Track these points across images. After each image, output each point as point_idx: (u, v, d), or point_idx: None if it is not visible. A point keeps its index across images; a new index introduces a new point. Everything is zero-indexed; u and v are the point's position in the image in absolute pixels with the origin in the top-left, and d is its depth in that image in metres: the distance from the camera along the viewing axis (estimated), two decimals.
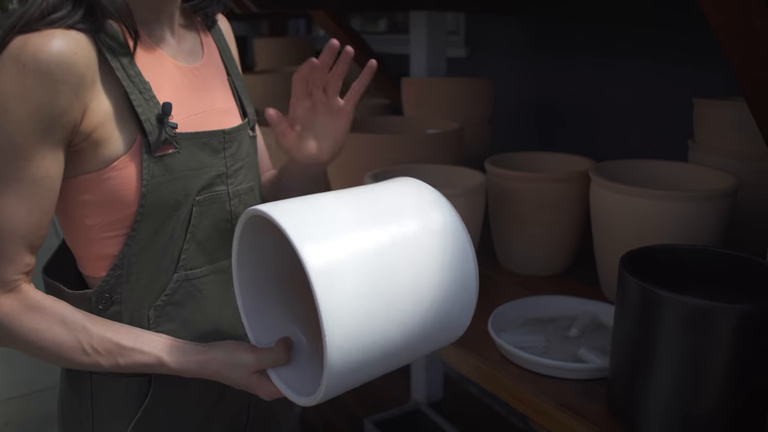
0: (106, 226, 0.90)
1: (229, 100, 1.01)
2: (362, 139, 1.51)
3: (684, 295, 0.81)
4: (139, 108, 0.86)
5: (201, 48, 1.01)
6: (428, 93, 1.91)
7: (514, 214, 1.38)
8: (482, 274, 1.43)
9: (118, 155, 0.86)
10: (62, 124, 0.82)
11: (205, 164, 0.93)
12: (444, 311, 0.79)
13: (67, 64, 0.80)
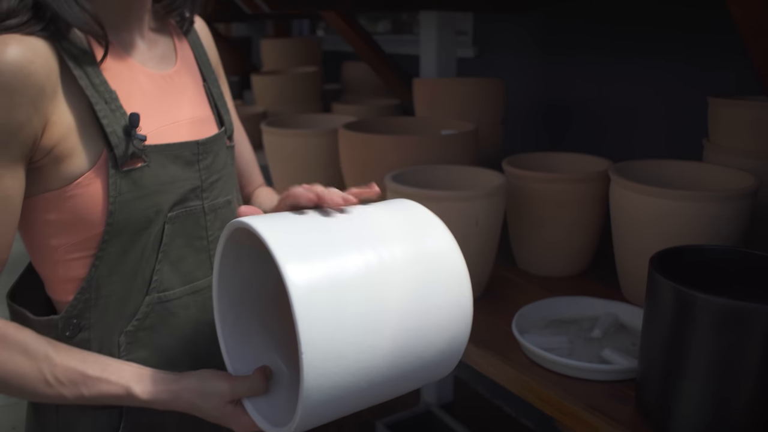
0: (72, 247, 0.84)
1: (204, 108, 0.96)
2: (379, 140, 1.51)
3: (717, 295, 0.81)
4: (104, 119, 0.80)
5: (174, 53, 0.95)
6: (441, 93, 1.90)
7: (532, 215, 1.38)
8: (501, 275, 1.43)
9: (82, 171, 0.80)
10: (20, 140, 0.75)
11: (178, 178, 0.87)
12: (434, 338, 0.73)
13: (23, 74, 0.74)
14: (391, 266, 0.71)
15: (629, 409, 0.95)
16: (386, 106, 2.38)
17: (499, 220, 1.29)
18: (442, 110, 1.90)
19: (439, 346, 0.74)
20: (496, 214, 1.27)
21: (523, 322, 1.17)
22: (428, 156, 1.50)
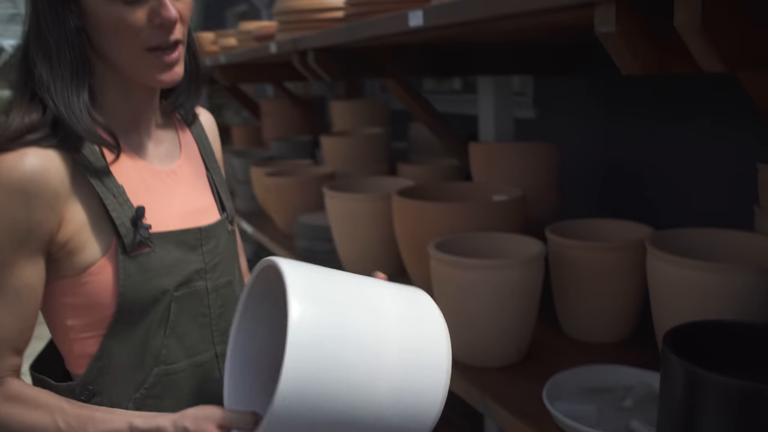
0: (86, 327, 0.95)
1: (207, 197, 1.08)
2: (426, 207, 1.58)
3: (724, 374, 0.83)
4: (113, 213, 0.92)
5: (179, 148, 1.07)
6: (495, 158, 1.96)
7: (573, 282, 1.41)
8: (543, 341, 1.46)
9: (95, 260, 0.92)
10: (38, 236, 0.88)
11: (182, 261, 0.98)
12: (402, 396, 0.82)
13: (39, 181, 0.87)
14: (383, 337, 0.81)
15: None
16: (448, 167, 2.45)
17: (536, 288, 1.33)
18: (496, 174, 1.96)
19: (410, 400, 0.83)
20: (533, 282, 1.31)
21: (556, 388, 1.19)
22: (475, 223, 1.56)
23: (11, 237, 0.87)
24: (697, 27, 0.78)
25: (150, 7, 0.91)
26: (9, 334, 0.90)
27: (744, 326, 1.00)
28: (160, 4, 0.91)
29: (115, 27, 0.91)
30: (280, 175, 2.53)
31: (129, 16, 0.90)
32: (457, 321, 1.33)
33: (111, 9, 0.90)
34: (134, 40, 0.92)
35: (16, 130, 0.88)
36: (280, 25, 2.18)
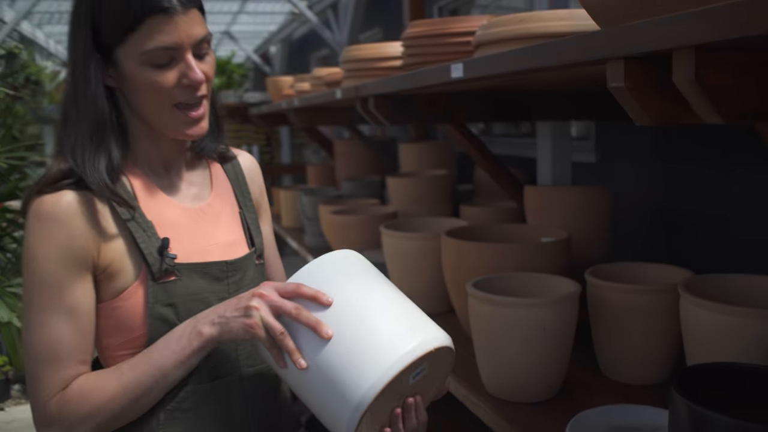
0: (121, 346, 1.07)
1: (237, 232, 1.18)
2: (469, 247, 1.65)
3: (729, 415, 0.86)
4: (142, 244, 1.05)
5: (210, 187, 1.19)
6: (547, 201, 2.01)
7: (609, 323, 1.44)
8: (579, 379, 1.49)
9: (127, 285, 1.04)
10: (82, 259, 1.01)
11: (206, 290, 1.09)
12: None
13: (76, 215, 1.01)
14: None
15: None
16: (508, 209, 2.50)
17: (569, 327, 1.37)
18: (548, 216, 2.01)
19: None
20: (565, 321, 1.36)
21: (582, 425, 1.23)
22: (518, 263, 1.61)
23: (60, 261, 1.00)
24: (692, 83, 0.84)
25: (179, 69, 1.04)
26: (72, 348, 1.02)
27: (758, 369, 1.02)
28: (187, 67, 1.04)
29: (148, 87, 1.04)
30: (344, 213, 2.64)
31: (160, 78, 1.03)
32: (490, 356, 1.39)
33: (145, 72, 1.03)
34: (164, 98, 1.05)
35: (53, 177, 1.03)
36: (345, 72, 2.31)
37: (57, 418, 1.01)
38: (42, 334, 1.01)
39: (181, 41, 1.03)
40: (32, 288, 1.01)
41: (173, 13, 1.01)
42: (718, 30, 0.75)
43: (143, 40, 1.01)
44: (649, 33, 0.85)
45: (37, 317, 1.01)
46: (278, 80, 3.99)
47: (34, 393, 1.02)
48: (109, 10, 1.02)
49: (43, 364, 1.01)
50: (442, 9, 4.19)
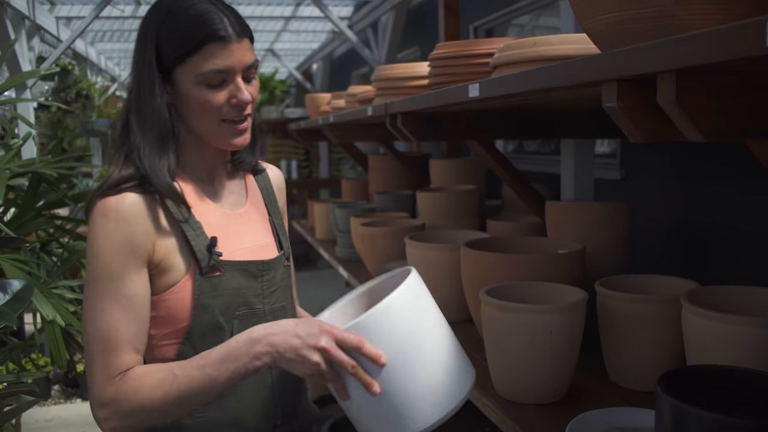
0: (164, 336, 1.18)
1: (268, 237, 1.30)
2: (485, 257, 1.73)
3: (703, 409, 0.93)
4: (193, 242, 1.17)
5: (245, 196, 1.31)
6: (566, 215, 2.08)
7: (615, 331, 1.51)
8: (586, 384, 1.56)
9: (177, 280, 1.15)
10: (140, 254, 1.12)
11: (245, 286, 1.20)
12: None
13: (136, 214, 1.12)
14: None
15: None
16: (532, 223, 2.58)
17: (575, 333, 1.45)
18: (567, 230, 2.08)
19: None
20: (571, 327, 1.43)
21: (582, 425, 1.30)
22: (531, 273, 1.69)
23: (121, 254, 1.12)
24: (673, 103, 0.92)
25: (229, 90, 1.17)
26: (129, 335, 1.13)
27: (741, 372, 1.08)
28: (237, 88, 1.17)
29: (200, 104, 1.16)
30: (373, 225, 2.74)
31: (212, 97, 1.16)
32: (499, 359, 1.47)
33: (199, 91, 1.16)
34: (214, 115, 1.17)
35: (115, 181, 1.15)
36: (377, 91, 2.42)
37: (111, 403, 1.11)
38: (102, 320, 1.12)
39: (233, 66, 1.16)
40: (95, 279, 1.13)
41: (228, 41, 1.14)
42: (696, 55, 0.84)
43: (200, 63, 1.14)
44: (636, 58, 0.94)
45: (98, 305, 1.12)
46: (316, 97, 4.13)
47: (92, 375, 1.12)
48: (173, 35, 1.15)
49: (101, 349, 1.11)
50: (478, 29, 4.29)
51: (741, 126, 0.96)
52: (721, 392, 1.07)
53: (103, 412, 1.11)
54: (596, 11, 1.06)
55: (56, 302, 2.37)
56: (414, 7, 5.03)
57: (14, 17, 4.40)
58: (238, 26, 1.17)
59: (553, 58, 1.38)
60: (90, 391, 1.14)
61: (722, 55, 0.79)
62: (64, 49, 4.89)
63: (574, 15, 1.15)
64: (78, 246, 2.91)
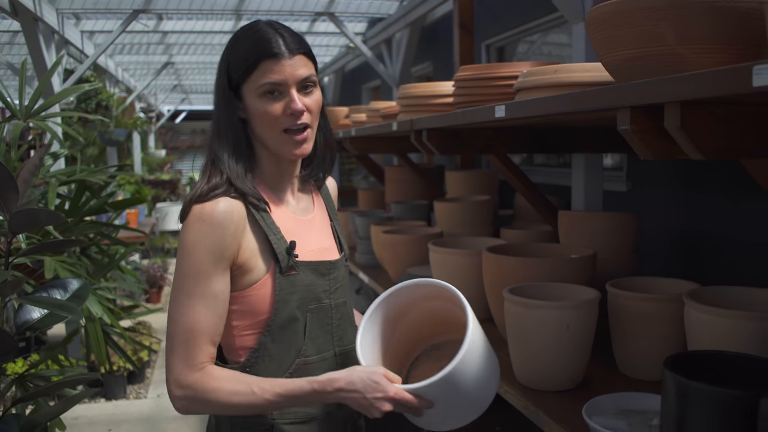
0: (246, 327, 1.34)
1: (331, 240, 1.48)
2: (506, 261, 1.91)
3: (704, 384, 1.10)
4: (275, 245, 1.33)
5: (313, 205, 1.48)
6: (577, 224, 2.26)
7: (624, 326, 1.69)
8: (599, 375, 1.73)
9: (259, 278, 1.31)
10: (227, 256, 1.28)
11: (316, 283, 1.37)
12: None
13: (228, 219, 1.28)
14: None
15: None
16: (544, 232, 2.75)
17: (589, 328, 1.62)
18: (578, 238, 2.25)
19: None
20: (586, 323, 1.61)
21: (596, 407, 1.48)
22: (548, 275, 1.87)
23: (211, 256, 1.28)
24: (678, 128, 1.10)
25: (285, 101, 1.33)
26: (209, 328, 1.29)
27: (737, 356, 1.26)
28: (290, 99, 1.33)
29: (262, 115, 1.34)
30: (394, 233, 2.92)
31: (270, 107, 1.33)
32: (521, 351, 1.65)
33: (260, 103, 1.33)
34: (275, 124, 1.34)
35: (207, 188, 1.31)
36: (401, 107, 2.61)
37: (188, 388, 1.27)
38: (187, 314, 1.28)
39: (285, 79, 1.33)
40: (185, 276, 1.28)
41: (281, 58, 1.32)
42: (697, 91, 1.02)
43: (258, 77, 1.32)
44: (648, 90, 1.12)
45: (185, 300, 1.28)
46: (334, 110, 4.31)
47: (173, 359, 1.28)
48: (237, 58, 1.34)
49: (185, 339, 1.27)
50: (490, 47, 4.48)
51: (736, 147, 1.14)
52: (719, 373, 1.24)
53: (180, 392, 1.28)
54: (614, 47, 1.25)
55: (101, 300, 2.55)
56: (428, 25, 5.23)
57: (45, 32, 4.60)
58: (292, 44, 1.34)
59: (571, 84, 1.57)
60: (169, 373, 1.29)
61: (718, 91, 0.97)
62: (91, 63, 5.09)
63: (592, 46, 1.33)
64: (115, 251, 3.10)
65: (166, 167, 11.75)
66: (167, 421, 4.19)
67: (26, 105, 2.68)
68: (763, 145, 1.15)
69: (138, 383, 4.79)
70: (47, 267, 2.36)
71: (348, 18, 5.72)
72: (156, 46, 7.41)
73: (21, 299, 1.70)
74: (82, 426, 4.21)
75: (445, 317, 1.44)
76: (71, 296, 1.90)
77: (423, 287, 1.40)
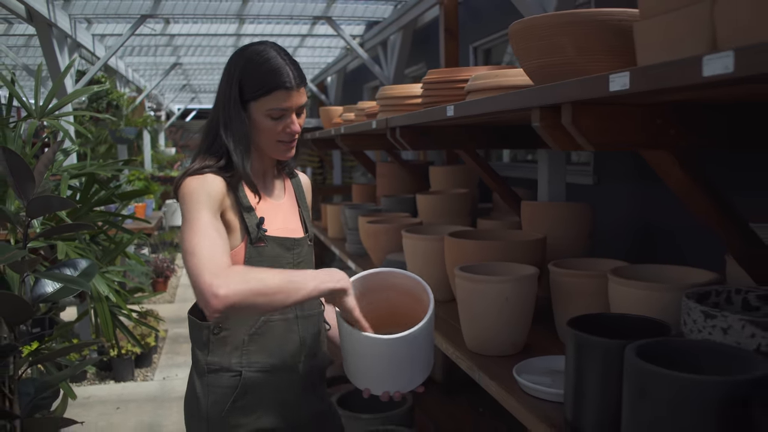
0: None
1: (297, 222, 1.75)
2: (461, 243, 2.16)
3: (588, 333, 1.34)
4: (247, 219, 1.61)
5: (284, 192, 1.76)
6: (537, 214, 2.49)
7: (562, 300, 1.92)
8: (541, 341, 1.97)
9: (235, 245, 1.58)
10: (217, 208, 1.53)
11: (281, 255, 1.64)
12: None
13: (214, 185, 1.55)
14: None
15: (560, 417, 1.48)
16: (515, 222, 2.99)
17: (528, 299, 1.86)
18: (539, 226, 2.49)
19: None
20: (525, 295, 1.84)
21: (527, 367, 1.72)
22: (501, 256, 2.11)
23: (207, 203, 1.51)
24: (570, 124, 1.34)
25: (285, 123, 1.63)
26: (222, 244, 1.47)
27: (634, 318, 1.49)
28: (291, 122, 1.64)
29: (265, 130, 1.64)
30: (377, 223, 3.17)
31: (273, 126, 1.63)
32: (468, 320, 1.89)
33: (265, 121, 1.63)
34: (273, 137, 1.65)
35: (198, 167, 1.59)
36: (380, 107, 2.85)
37: (224, 275, 1.36)
38: (203, 237, 1.44)
39: (291, 106, 1.63)
40: (191, 213, 1.49)
41: (291, 90, 1.62)
42: (580, 94, 1.25)
43: (269, 102, 1.61)
44: (548, 93, 1.36)
45: (196, 228, 1.45)
46: (329, 109, 4.57)
47: (201, 276, 1.35)
48: (253, 80, 1.61)
49: (205, 254, 1.40)
50: (477, 49, 4.71)
51: (620, 140, 1.38)
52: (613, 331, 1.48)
53: (218, 280, 1.35)
54: (527, 56, 1.49)
55: (109, 282, 2.81)
56: (420, 28, 5.47)
57: (59, 36, 4.87)
58: (298, 79, 1.63)
59: (508, 87, 1.80)
60: (200, 276, 1.36)
61: (590, 94, 1.21)
62: (102, 64, 5.37)
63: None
64: (121, 238, 3.36)
65: (176, 165, 12.05)
66: (172, 401, 4.47)
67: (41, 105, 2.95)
68: (645, 138, 1.39)
69: (145, 367, 5.07)
70: (60, 250, 2.62)
71: (346, 21, 5.97)
72: (164, 48, 7.69)
73: (36, 274, 1.96)
74: (93, 404, 4.49)
75: (402, 312, 1.70)
76: (80, 273, 2.16)
77: (396, 276, 1.68)
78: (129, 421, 4.22)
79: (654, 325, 1.46)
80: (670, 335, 1.38)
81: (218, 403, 1.65)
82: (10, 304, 1.89)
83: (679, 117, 1.39)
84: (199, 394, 1.67)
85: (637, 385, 1.13)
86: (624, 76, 1.12)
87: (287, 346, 1.69)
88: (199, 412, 1.67)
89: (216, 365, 1.66)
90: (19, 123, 2.93)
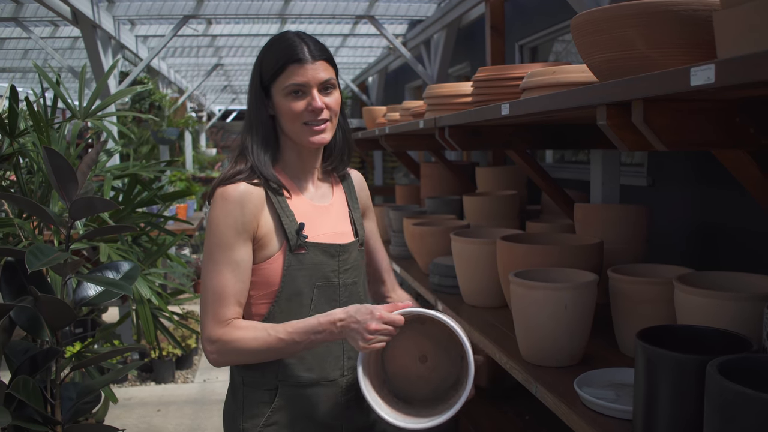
0: (259, 297, 1.53)
1: (347, 226, 1.66)
2: (515, 248, 2.06)
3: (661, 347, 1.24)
4: (286, 225, 1.52)
5: (332, 193, 1.67)
6: (591, 216, 2.39)
7: (624, 309, 1.82)
8: (599, 353, 1.87)
9: (272, 254, 1.50)
10: (248, 230, 1.47)
11: (324, 263, 1.55)
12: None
13: (247, 198, 1.48)
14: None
15: None
16: (565, 225, 2.88)
17: (587, 308, 1.76)
18: (593, 230, 2.38)
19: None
20: (584, 303, 1.75)
21: (588, 380, 1.62)
22: (556, 262, 2.01)
23: (233, 229, 1.48)
24: (641, 123, 1.24)
25: (307, 100, 1.54)
26: (235, 291, 1.49)
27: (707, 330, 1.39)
28: (312, 98, 1.54)
29: (287, 111, 1.54)
30: (423, 225, 3.09)
31: (294, 104, 1.54)
32: (524, 329, 1.80)
33: (285, 101, 1.54)
34: (297, 118, 1.55)
35: (231, 174, 1.53)
36: (428, 106, 2.77)
37: (217, 342, 1.49)
38: (216, 279, 1.49)
39: (308, 81, 1.53)
40: (212, 247, 1.50)
41: (305, 62, 1.52)
42: (653, 90, 1.16)
43: (285, 79, 1.53)
44: (617, 89, 1.26)
45: (214, 267, 1.49)
46: (373, 109, 4.50)
47: (205, 319, 1.50)
48: (267, 62, 1.55)
49: (214, 300, 1.49)
50: (523, 47, 4.60)
51: (696, 139, 1.28)
52: (686, 344, 1.38)
53: (211, 347, 1.50)
54: (593, 51, 1.39)
55: (151, 285, 2.78)
56: (464, 26, 5.37)
57: (103, 37, 4.89)
58: (315, 52, 1.55)
59: (567, 84, 1.71)
60: (202, 332, 1.51)
61: (667, 90, 1.11)
62: (145, 65, 5.38)
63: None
64: (163, 240, 3.33)
65: (216, 165, 12.12)
66: (212, 404, 4.44)
67: (85, 106, 2.93)
68: (723, 137, 1.28)
69: (186, 369, 5.06)
70: (102, 252, 2.59)
71: (388, 20, 5.90)
72: (206, 49, 7.72)
73: (78, 277, 1.92)
74: (134, 405, 4.49)
75: (431, 353, 1.66)
76: (123, 276, 2.12)
77: (436, 322, 1.56)
78: (169, 423, 4.21)
79: (731, 338, 1.36)
80: (752, 351, 1.28)
81: (254, 417, 1.58)
82: (52, 307, 1.86)
83: (759, 114, 1.28)
84: (235, 409, 1.61)
85: (724, 407, 1.03)
86: (708, 70, 1.03)
87: (328, 359, 1.61)
88: (236, 427, 1.61)
89: (251, 378, 1.60)
90: (63, 123, 2.91)
